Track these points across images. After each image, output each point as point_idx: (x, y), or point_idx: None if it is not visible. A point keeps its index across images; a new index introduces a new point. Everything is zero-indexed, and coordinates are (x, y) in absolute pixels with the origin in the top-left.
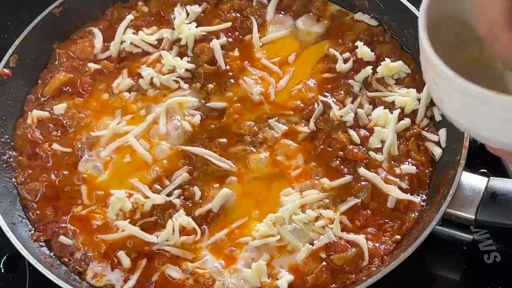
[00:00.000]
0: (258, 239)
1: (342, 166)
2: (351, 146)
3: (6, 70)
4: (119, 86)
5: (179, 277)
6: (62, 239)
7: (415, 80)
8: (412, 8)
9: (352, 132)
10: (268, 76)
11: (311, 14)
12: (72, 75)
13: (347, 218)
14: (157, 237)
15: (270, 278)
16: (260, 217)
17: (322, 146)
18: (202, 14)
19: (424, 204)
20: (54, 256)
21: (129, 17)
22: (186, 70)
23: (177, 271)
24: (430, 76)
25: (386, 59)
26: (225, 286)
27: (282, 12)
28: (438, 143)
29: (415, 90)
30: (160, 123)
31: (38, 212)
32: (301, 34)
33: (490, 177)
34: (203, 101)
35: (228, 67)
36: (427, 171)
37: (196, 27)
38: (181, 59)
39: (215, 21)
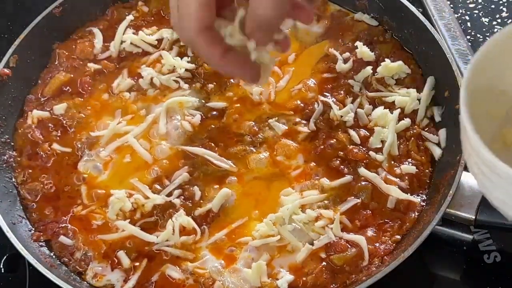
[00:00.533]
0: (258, 239)
1: (342, 166)
2: (351, 146)
3: (6, 70)
4: (119, 86)
5: (179, 277)
6: (62, 239)
7: (415, 80)
8: (412, 8)
9: (352, 132)
10: None
11: None
12: (72, 75)
13: (347, 218)
14: (157, 237)
15: (270, 278)
16: (260, 217)
17: (322, 146)
18: None
19: (424, 204)
20: (54, 256)
21: (129, 17)
22: (186, 70)
23: (177, 271)
24: (478, 167)
25: (386, 59)
26: (225, 286)
27: None
28: (438, 143)
29: (415, 90)
30: (160, 123)
31: (38, 212)
32: (301, 34)
33: None
34: (203, 101)
35: None
36: (427, 171)
37: None
38: (181, 59)
39: None
